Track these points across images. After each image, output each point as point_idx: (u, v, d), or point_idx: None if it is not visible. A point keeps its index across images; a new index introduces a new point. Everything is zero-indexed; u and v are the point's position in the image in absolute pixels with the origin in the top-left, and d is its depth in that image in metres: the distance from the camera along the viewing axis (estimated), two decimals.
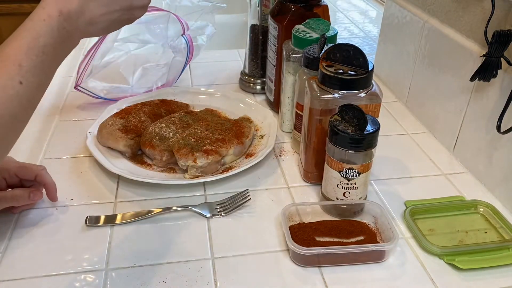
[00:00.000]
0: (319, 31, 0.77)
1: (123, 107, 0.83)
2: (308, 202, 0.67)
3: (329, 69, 0.64)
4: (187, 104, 0.89)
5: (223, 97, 0.91)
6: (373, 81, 0.66)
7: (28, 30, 0.45)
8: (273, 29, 0.84)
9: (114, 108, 0.83)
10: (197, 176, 0.70)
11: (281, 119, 0.85)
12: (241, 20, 1.19)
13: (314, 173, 0.71)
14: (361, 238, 0.61)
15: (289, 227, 0.61)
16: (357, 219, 0.64)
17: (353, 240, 0.61)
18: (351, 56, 0.64)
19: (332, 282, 0.56)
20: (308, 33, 0.77)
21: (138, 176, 0.69)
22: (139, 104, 0.84)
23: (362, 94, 0.64)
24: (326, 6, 0.83)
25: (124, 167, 0.72)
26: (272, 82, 0.89)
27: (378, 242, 0.60)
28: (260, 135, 0.81)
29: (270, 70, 0.89)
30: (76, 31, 0.48)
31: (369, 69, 0.63)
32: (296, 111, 0.77)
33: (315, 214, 0.65)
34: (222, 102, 0.90)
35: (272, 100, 0.91)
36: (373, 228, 0.63)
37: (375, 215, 0.64)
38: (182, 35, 0.90)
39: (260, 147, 0.78)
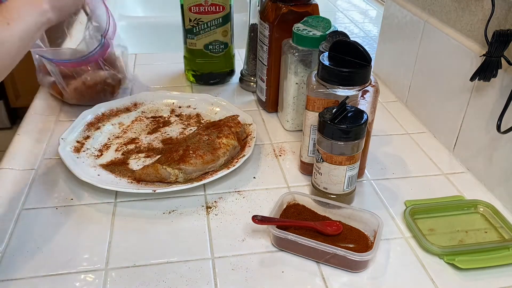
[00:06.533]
0: (320, 28, 0.77)
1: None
2: (304, 193, 0.67)
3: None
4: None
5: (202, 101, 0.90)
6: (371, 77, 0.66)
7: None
8: (263, 29, 0.84)
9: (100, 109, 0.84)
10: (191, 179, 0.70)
11: (284, 118, 0.85)
12: (241, 19, 1.19)
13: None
14: (351, 245, 0.60)
15: (289, 205, 0.65)
16: (361, 229, 0.63)
17: (343, 244, 0.60)
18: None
19: (332, 280, 0.56)
20: (310, 31, 0.77)
21: (133, 188, 0.67)
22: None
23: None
24: (316, 5, 0.83)
25: (119, 180, 0.70)
26: (263, 82, 0.89)
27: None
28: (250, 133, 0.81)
29: (261, 70, 0.89)
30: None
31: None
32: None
33: (316, 209, 0.66)
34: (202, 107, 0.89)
35: (264, 100, 0.91)
36: (369, 243, 0.61)
37: (375, 229, 0.61)
38: None
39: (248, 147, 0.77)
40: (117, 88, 0.89)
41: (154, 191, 0.66)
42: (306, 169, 0.73)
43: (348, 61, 0.64)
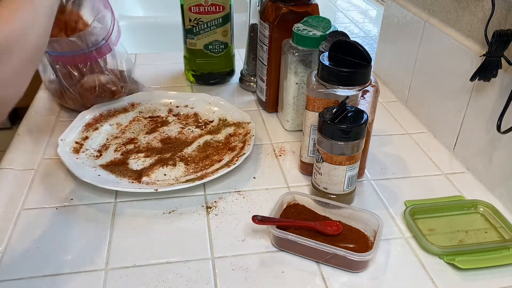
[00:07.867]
0: (320, 28, 0.77)
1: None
2: (304, 193, 0.67)
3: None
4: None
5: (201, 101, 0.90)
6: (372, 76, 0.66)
7: None
8: (263, 29, 0.84)
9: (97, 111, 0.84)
10: None
11: (284, 118, 0.85)
12: (241, 19, 1.19)
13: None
14: (351, 245, 0.60)
15: (289, 205, 0.65)
16: (361, 229, 0.63)
17: (343, 244, 0.60)
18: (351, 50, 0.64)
19: (332, 280, 0.56)
20: (310, 31, 0.77)
21: (134, 188, 0.67)
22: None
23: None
24: (316, 5, 0.83)
25: (120, 180, 0.70)
26: (263, 82, 0.89)
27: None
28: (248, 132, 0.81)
29: (261, 70, 0.89)
30: None
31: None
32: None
33: (316, 209, 0.66)
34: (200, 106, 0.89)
35: (264, 100, 0.91)
36: (369, 243, 0.60)
37: (375, 230, 0.61)
38: None
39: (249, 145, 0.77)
40: (117, 94, 0.87)
41: (156, 190, 0.66)
42: (306, 169, 0.73)
43: (348, 61, 0.64)
